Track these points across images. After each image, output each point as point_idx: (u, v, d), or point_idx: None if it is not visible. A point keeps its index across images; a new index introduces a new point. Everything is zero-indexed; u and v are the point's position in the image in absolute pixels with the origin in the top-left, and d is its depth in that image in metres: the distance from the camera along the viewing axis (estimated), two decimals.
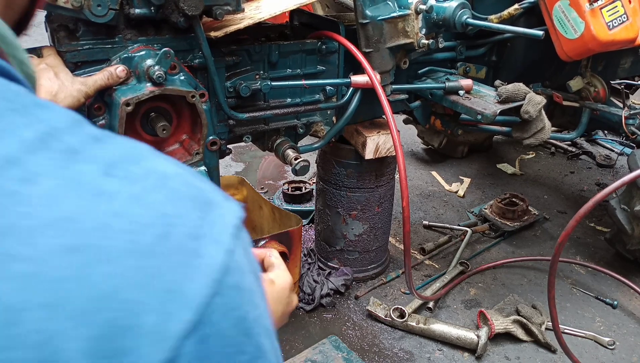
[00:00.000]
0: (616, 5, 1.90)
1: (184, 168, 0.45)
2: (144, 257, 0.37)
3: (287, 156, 1.76)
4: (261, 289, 0.46)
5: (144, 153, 0.43)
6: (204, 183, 0.45)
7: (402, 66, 1.94)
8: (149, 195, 0.39)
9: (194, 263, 0.38)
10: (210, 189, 0.44)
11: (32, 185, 0.36)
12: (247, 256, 0.43)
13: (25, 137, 0.38)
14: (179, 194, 0.41)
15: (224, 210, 0.43)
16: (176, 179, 0.42)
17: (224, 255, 0.40)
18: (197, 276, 0.38)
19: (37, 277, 0.33)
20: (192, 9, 1.31)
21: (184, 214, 0.40)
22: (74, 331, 0.33)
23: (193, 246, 0.39)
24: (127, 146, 0.43)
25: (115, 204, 0.38)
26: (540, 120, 1.97)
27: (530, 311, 2.19)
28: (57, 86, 1.17)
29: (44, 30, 1.48)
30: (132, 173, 0.40)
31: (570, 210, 3.04)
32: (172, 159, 0.45)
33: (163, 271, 0.37)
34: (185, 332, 0.36)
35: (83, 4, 1.26)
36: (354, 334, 2.18)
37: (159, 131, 1.35)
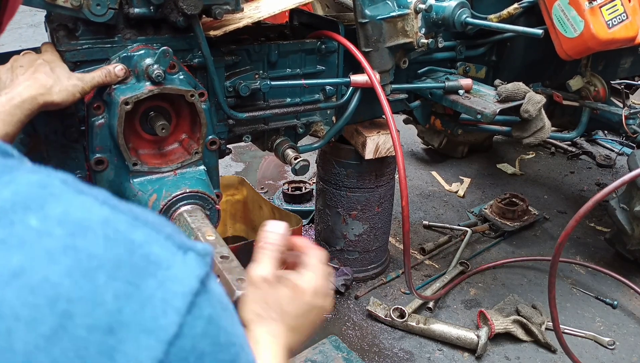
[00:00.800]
0: (616, 4, 1.90)
1: (121, 210, 0.33)
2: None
3: (287, 156, 1.76)
4: (242, 359, 0.35)
5: (56, 192, 0.31)
6: (147, 229, 0.33)
7: (402, 66, 1.94)
8: (37, 268, 0.28)
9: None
10: (152, 241, 0.33)
11: None
12: (212, 331, 0.32)
13: None
14: (90, 260, 0.29)
15: (172, 272, 0.32)
16: (95, 233, 0.30)
17: (157, 349, 0.29)
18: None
19: None
20: (191, 8, 1.31)
21: (91, 294, 0.28)
22: None
23: (103, 345, 0.27)
24: (29, 186, 0.31)
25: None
26: (540, 119, 1.96)
27: (530, 311, 2.18)
28: (53, 80, 1.17)
29: (44, 30, 1.48)
30: (20, 230, 0.28)
31: (570, 210, 3.04)
32: (107, 196, 0.34)
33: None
34: None
35: (82, 4, 1.26)
36: (354, 334, 2.18)
37: (158, 130, 1.35)
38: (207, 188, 1.37)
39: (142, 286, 0.30)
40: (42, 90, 1.15)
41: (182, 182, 1.35)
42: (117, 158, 1.37)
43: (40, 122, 1.33)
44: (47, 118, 1.33)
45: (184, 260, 0.33)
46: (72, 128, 1.38)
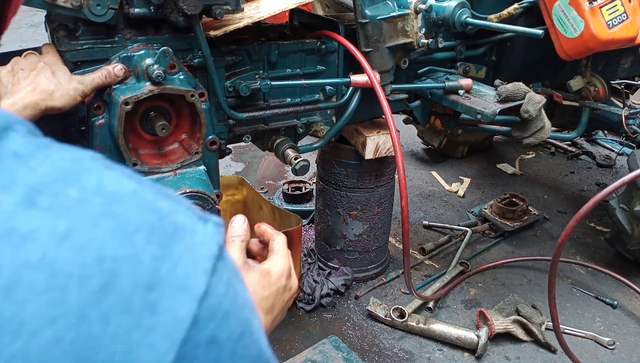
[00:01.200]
0: (616, 4, 1.90)
1: (146, 184, 0.36)
2: (72, 326, 0.28)
3: (287, 156, 1.76)
4: (254, 324, 0.38)
5: (88, 166, 0.34)
6: (171, 201, 0.36)
7: (402, 66, 1.94)
8: (83, 231, 0.31)
9: (146, 323, 0.30)
10: (176, 210, 0.35)
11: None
12: (231, 293, 0.35)
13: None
14: (128, 224, 0.32)
15: (196, 238, 0.35)
16: (128, 202, 0.33)
17: (191, 305, 0.32)
18: (152, 341, 0.30)
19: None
20: (191, 9, 1.31)
21: (132, 254, 0.31)
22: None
23: (146, 299, 0.31)
24: (64, 161, 0.34)
25: (29, 251, 0.29)
26: (540, 119, 1.96)
27: (530, 311, 2.18)
28: (54, 85, 1.17)
29: (44, 30, 1.48)
30: (62, 200, 0.31)
31: (570, 210, 3.04)
32: (131, 172, 0.37)
33: (102, 340, 0.29)
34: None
35: (82, 4, 1.26)
36: (354, 334, 2.18)
37: (158, 130, 1.35)
38: (207, 188, 1.37)
39: (173, 249, 0.33)
40: (44, 95, 1.15)
41: (182, 182, 1.35)
42: (117, 158, 1.37)
43: (40, 122, 1.33)
44: (47, 118, 1.33)
45: (204, 228, 0.36)
46: (72, 128, 1.39)
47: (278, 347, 2.09)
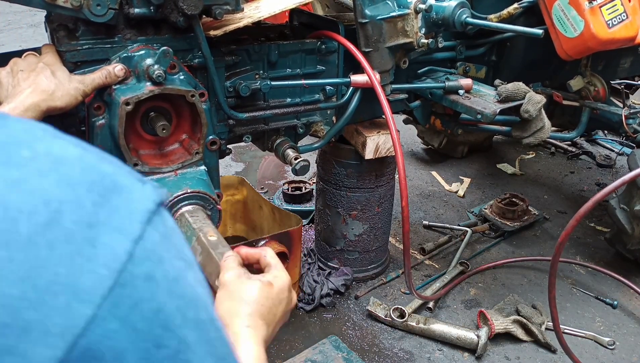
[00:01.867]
0: (616, 4, 1.90)
1: (91, 151, 0.41)
2: (22, 249, 0.33)
3: (287, 156, 1.76)
4: (190, 275, 0.42)
5: (40, 134, 0.40)
6: (113, 165, 0.41)
7: (402, 66, 1.94)
8: (32, 180, 0.36)
9: (87, 253, 0.35)
10: (118, 173, 0.40)
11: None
12: (166, 243, 0.40)
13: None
14: (71, 179, 0.37)
15: (134, 195, 0.39)
16: (73, 163, 0.38)
17: (127, 244, 0.36)
18: (92, 268, 0.35)
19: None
20: (191, 9, 1.30)
21: (75, 199, 0.36)
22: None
23: (86, 235, 0.35)
24: (19, 128, 0.39)
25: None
26: (540, 119, 1.96)
27: (530, 311, 2.19)
28: (54, 84, 1.17)
29: (44, 30, 1.48)
30: (16, 157, 0.36)
31: (570, 210, 3.04)
32: (78, 141, 0.41)
33: (47, 262, 0.34)
34: (81, 328, 0.33)
35: (82, 4, 1.25)
36: (354, 334, 2.18)
37: (158, 131, 1.35)
38: (208, 188, 1.37)
39: (112, 200, 0.37)
40: (45, 96, 1.15)
41: (183, 182, 1.35)
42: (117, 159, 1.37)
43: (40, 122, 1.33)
44: (47, 119, 1.33)
45: (143, 188, 0.40)
46: (73, 128, 1.38)
47: (278, 347, 2.09)
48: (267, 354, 0.80)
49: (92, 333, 0.34)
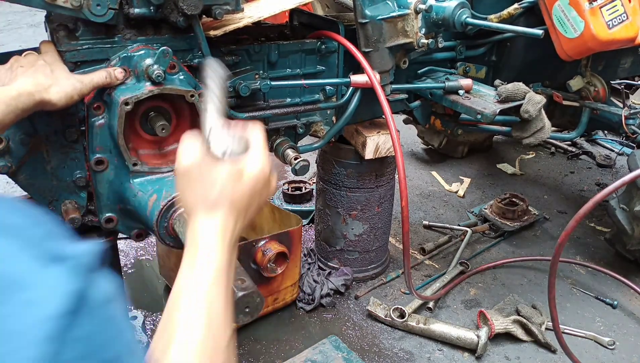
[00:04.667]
0: (616, 5, 1.90)
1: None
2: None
3: (287, 156, 1.76)
4: None
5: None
6: (7, 238, 0.30)
7: (402, 66, 1.94)
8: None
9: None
10: (12, 253, 0.29)
11: None
12: (90, 347, 0.31)
13: None
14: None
15: (33, 293, 0.29)
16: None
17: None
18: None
19: None
20: (191, 9, 1.31)
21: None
22: None
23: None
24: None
25: None
26: (540, 119, 1.96)
27: (530, 311, 2.19)
28: (52, 80, 1.17)
29: (44, 31, 1.48)
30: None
31: (570, 210, 3.04)
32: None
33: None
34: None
35: (82, 4, 1.26)
36: (354, 334, 2.18)
37: (158, 131, 1.35)
38: None
39: (5, 309, 0.27)
40: (40, 88, 1.15)
41: None
42: (117, 158, 1.37)
43: (40, 122, 1.33)
44: (47, 118, 1.33)
45: (53, 275, 0.29)
46: (73, 128, 1.38)
47: (278, 347, 2.09)
48: (267, 354, 0.79)
49: None
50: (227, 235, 0.73)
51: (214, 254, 0.71)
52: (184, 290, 0.67)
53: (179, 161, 0.79)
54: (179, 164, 0.79)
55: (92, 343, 0.30)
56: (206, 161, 0.78)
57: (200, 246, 0.71)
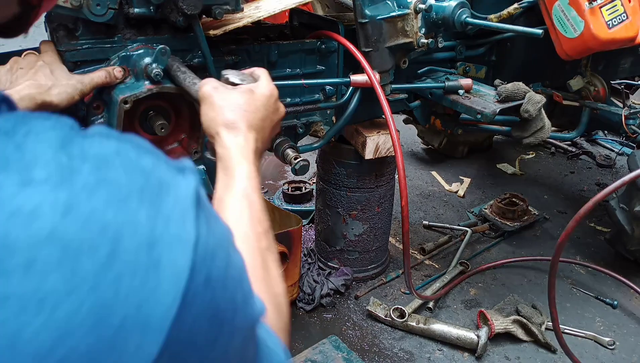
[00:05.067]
0: (616, 4, 1.90)
1: (122, 139, 0.38)
2: (88, 294, 0.31)
3: (287, 156, 1.75)
4: (231, 250, 0.42)
5: (69, 133, 0.36)
6: (149, 156, 0.38)
7: (402, 66, 1.94)
8: (83, 203, 0.32)
9: (152, 281, 0.33)
10: (158, 167, 0.38)
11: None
12: (211, 231, 0.39)
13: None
14: (120, 190, 0.34)
15: (179, 191, 0.38)
16: (115, 166, 0.35)
17: (188, 254, 0.35)
18: (158, 298, 0.33)
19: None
20: (191, 8, 1.31)
21: (130, 219, 0.34)
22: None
23: (148, 258, 0.33)
24: (46, 131, 0.36)
25: (38, 227, 0.31)
26: (540, 119, 1.96)
27: (530, 311, 2.18)
28: (52, 82, 1.17)
29: (44, 30, 1.48)
30: (57, 171, 0.33)
31: (570, 210, 3.04)
32: (100, 128, 0.39)
33: (115, 305, 0.31)
34: (154, 360, 0.33)
35: (82, 3, 1.26)
36: (354, 334, 2.18)
37: (157, 130, 1.35)
38: (207, 188, 1.37)
39: (163, 205, 0.36)
40: (41, 90, 1.15)
41: None
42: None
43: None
44: None
45: (184, 179, 0.39)
46: None
47: None
48: None
49: (164, 358, 0.34)
50: (250, 147, 0.84)
51: (243, 160, 0.82)
52: (224, 190, 0.78)
53: (203, 90, 0.93)
54: (203, 93, 0.92)
55: (211, 227, 0.39)
56: (224, 88, 0.93)
57: (231, 155, 0.82)
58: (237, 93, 0.90)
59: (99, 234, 0.32)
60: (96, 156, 0.35)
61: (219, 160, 0.84)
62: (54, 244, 0.31)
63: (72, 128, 0.37)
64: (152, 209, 0.35)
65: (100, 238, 0.32)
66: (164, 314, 0.33)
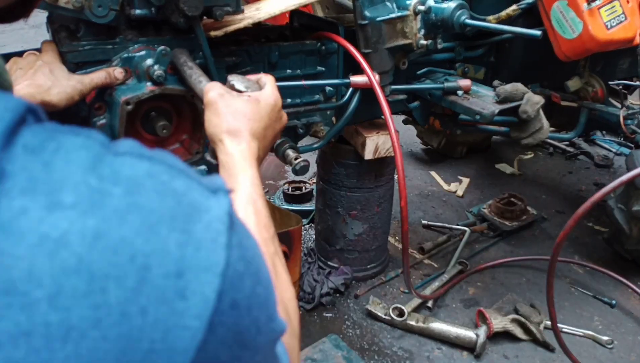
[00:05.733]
0: (614, 5, 1.91)
1: (154, 159, 0.37)
2: (115, 324, 0.30)
3: (287, 156, 1.76)
4: (260, 265, 0.41)
5: (98, 153, 0.35)
6: (182, 176, 0.38)
7: (401, 67, 1.95)
8: (113, 231, 0.32)
9: (179, 308, 0.33)
10: (190, 188, 0.37)
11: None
12: (242, 254, 0.38)
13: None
14: (151, 216, 0.33)
15: (211, 214, 0.37)
16: (146, 187, 0.34)
17: (215, 282, 0.34)
18: (185, 323, 0.33)
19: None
20: (192, 10, 1.31)
21: (160, 247, 0.33)
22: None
23: (176, 287, 0.33)
24: (76, 150, 0.34)
25: (65, 256, 0.30)
26: (539, 120, 1.97)
27: (529, 310, 2.20)
28: (51, 82, 1.17)
29: (45, 31, 1.49)
30: (84, 192, 0.32)
31: (569, 210, 3.05)
32: (131, 144, 0.38)
33: (142, 333, 0.31)
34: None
35: (84, 5, 1.26)
36: (354, 333, 2.19)
37: (159, 131, 1.36)
38: None
39: (193, 232, 0.35)
40: (40, 90, 1.15)
41: None
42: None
43: None
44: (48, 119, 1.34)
45: (217, 202, 0.38)
46: None
47: None
48: None
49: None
50: (253, 155, 0.85)
51: (247, 167, 0.82)
52: None
53: (208, 96, 0.92)
54: (208, 99, 0.92)
55: (243, 251, 0.38)
56: (230, 95, 0.92)
57: (235, 162, 0.83)
58: (242, 101, 0.90)
59: (127, 263, 0.32)
60: (127, 179, 0.34)
61: (222, 167, 0.85)
62: (81, 275, 0.30)
63: (102, 145, 0.36)
64: (183, 236, 0.34)
65: (128, 267, 0.32)
66: (190, 340, 0.33)
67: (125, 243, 0.32)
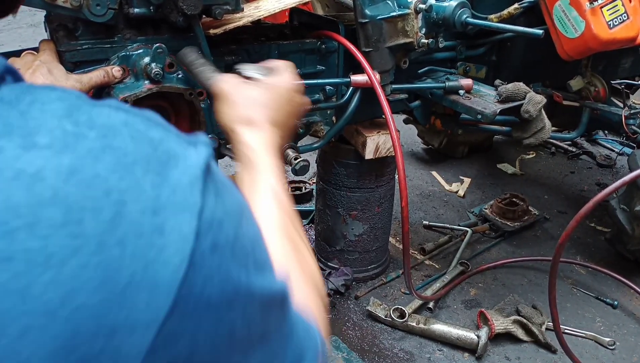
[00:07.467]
0: (616, 4, 1.90)
1: (132, 111, 0.39)
2: (93, 253, 0.32)
3: (287, 156, 1.75)
4: (243, 221, 0.42)
5: (75, 103, 0.36)
6: (160, 128, 0.39)
7: (402, 66, 1.94)
8: (87, 167, 0.33)
9: (157, 243, 0.34)
10: (167, 138, 0.38)
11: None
12: (220, 201, 0.39)
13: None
14: (126, 157, 0.35)
15: (187, 161, 0.38)
16: (122, 134, 0.36)
17: (192, 221, 0.36)
18: (165, 258, 0.34)
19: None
20: (191, 9, 1.30)
21: (134, 185, 0.34)
22: None
23: (153, 223, 0.34)
24: (52, 97, 0.36)
25: (41, 189, 0.31)
26: (541, 120, 1.96)
27: (531, 311, 2.18)
28: (50, 81, 1.17)
29: (43, 30, 1.48)
30: (59, 135, 0.33)
31: (571, 210, 3.04)
32: (111, 101, 0.39)
33: (122, 263, 0.33)
34: (164, 318, 0.34)
35: (82, 4, 1.25)
36: (354, 334, 2.18)
37: None
38: None
39: (170, 176, 0.36)
40: None
41: None
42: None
43: None
44: None
45: (195, 151, 0.39)
46: None
47: None
48: None
49: (174, 319, 0.35)
50: (273, 143, 0.84)
51: (266, 155, 0.80)
52: (250, 184, 0.77)
53: (223, 88, 0.91)
54: (223, 90, 0.91)
55: (220, 199, 0.39)
56: (245, 84, 0.91)
57: (254, 150, 0.81)
58: (259, 89, 0.89)
59: (103, 197, 0.33)
60: (103, 125, 0.35)
61: (241, 157, 0.84)
62: (57, 205, 0.31)
63: (79, 97, 0.37)
64: (158, 178, 0.35)
65: (103, 201, 0.33)
66: (172, 274, 0.34)
67: (99, 178, 0.33)
